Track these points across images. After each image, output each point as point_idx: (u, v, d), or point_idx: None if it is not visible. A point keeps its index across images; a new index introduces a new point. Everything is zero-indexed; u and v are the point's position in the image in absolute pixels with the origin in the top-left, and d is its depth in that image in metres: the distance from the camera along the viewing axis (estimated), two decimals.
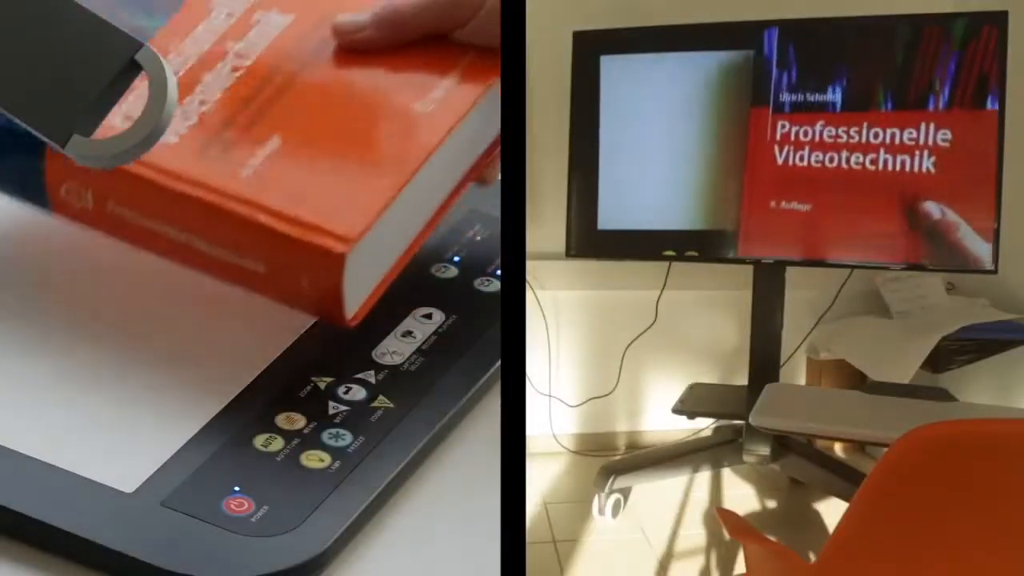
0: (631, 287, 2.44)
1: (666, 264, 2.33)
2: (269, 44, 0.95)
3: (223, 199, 0.89)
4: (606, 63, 2.20)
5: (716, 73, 2.14)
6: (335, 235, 0.87)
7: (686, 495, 2.23)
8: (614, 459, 2.28)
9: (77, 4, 0.79)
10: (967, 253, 2.00)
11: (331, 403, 0.88)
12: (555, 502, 2.21)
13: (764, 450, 2.13)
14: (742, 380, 2.24)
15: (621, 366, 2.44)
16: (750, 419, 1.84)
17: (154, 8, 0.81)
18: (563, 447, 2.45)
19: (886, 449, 1.09)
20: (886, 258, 2.05)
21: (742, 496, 2.25)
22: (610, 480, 2.10)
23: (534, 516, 2.14)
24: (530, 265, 2.28)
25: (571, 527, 2.09)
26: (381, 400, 0.88)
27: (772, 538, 1.38)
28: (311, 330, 0.92)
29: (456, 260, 0.99)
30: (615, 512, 2.11)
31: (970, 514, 1.07)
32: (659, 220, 2.19)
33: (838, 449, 2.43)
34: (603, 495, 2.10)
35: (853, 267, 2.22)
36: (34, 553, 0.80)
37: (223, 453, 0.84)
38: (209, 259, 0.90)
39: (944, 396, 1.93)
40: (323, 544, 0.80)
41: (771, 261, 2.14)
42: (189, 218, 0.89)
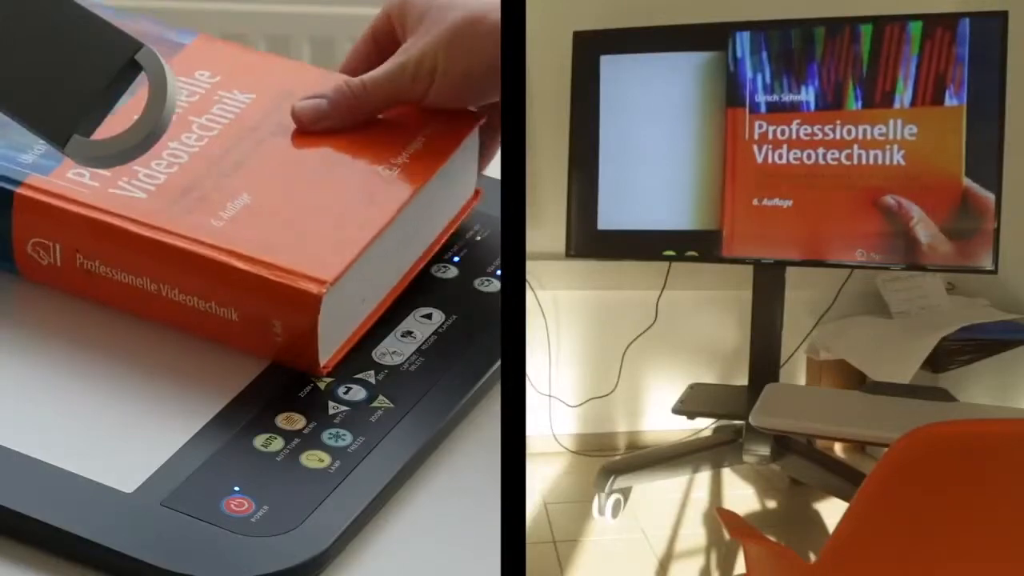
0: (631, 287, 2.43)
1: (666, 264, 2.33)
2: (232, 119, 0.97)
3: (195, 245, 0.88)
4: (606, 63, 2.20)
5: (717, 72, 2.14)
6: (310, 277, 0.87)
7: (686, 495, 2.23)
8: (614, 459, 2.28)
9: (77, 4, 0.79)
10: (918, 243, 2.00)
11: (331, 403, 0.88)
12: (555, 502, 2.21)
13: (764, 450, 2.12)
14: (742, 380, 2.24)
15: (621, 366, 2.44)
16: (750, 419, 1.84)
17: None
18: (563, 447, 2.45)
19: (886, 449, 1.09)
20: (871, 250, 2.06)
21: (742, 496, 2.25)
22: (610, 480, 2.09)
23: (534, 516, 2.13)
24: (530, 265, 2.28)
25: (571, 527, 2.09)
26: (381, 400, 0.88)
27: (772, 538, 1.38)
28: None
29: (456, 260, 0.99)
30: (615, 512, 2.11)
31: (970, 514, 1.07)
32: (659, 220, 2.19)
33: (838, 449, 2.43)
34: (603, 495, 2.10)
35: (853, 267, 2.22)
36: (34, 553, 0.79)
37: (223, 453, 0.84)
38: (180, 310, 0.89)
39: (944, 396, 1.93)
40: (323, 544, 0.80)
41: (771, 261, 2.14)
42: (160, 266, 0.89)
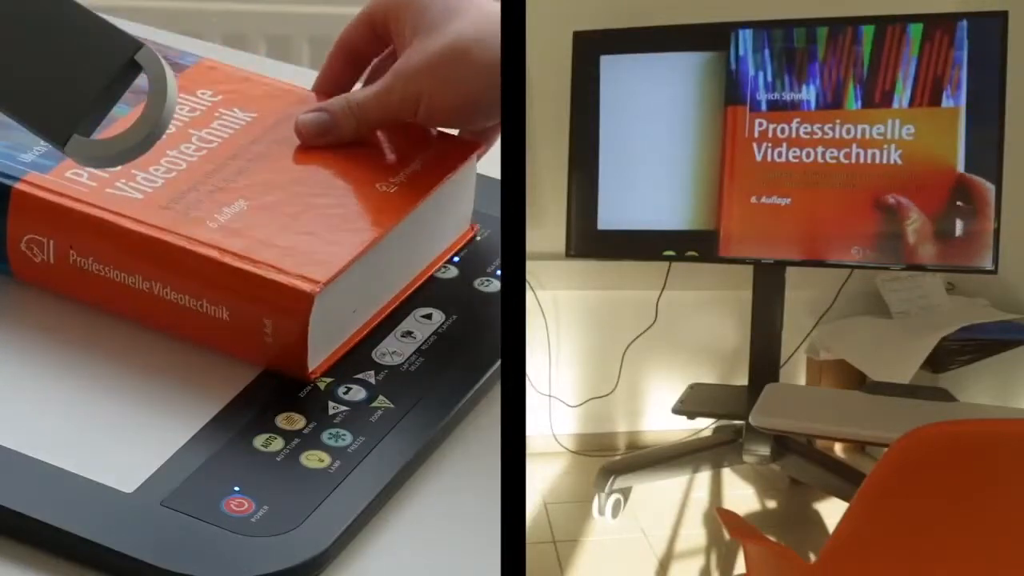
0: (631, 287, 2.43)
1: (666, 264, 2.33)
2: (232, 134, 0.97)
3: (189, 242, 0.89)
4: (606, 63, 2.20)
5: (718, 73, 2.14)
6: (304, 277, 0.88)
7: (686, 495, 2.23)
8: (614, 459, 2.28)
9: (77, 4, 0.79)
10: (916, 242, 2.00)
11: (331, 403, 0.88)
12: (555, 502, 2.21)
13: (764, 450, 2.12)
14: (742, 380, 2.23)
15: (621, 366, 2.44)
16: (750, 419, 1.84)
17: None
18: (563, 447, 2.45)
19: (886, 449, 1.09)
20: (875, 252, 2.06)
21: (742, 496, 2.25)
22: (610, 480, 2.09)
23: (534, 516, 2.13)
24: (530, 265, 2.27)
25: (571, 527, 2.08)
26: (381, 400, 0.88)
27: (772, 538, 1.38)
28: None
29: (456, 260, 0.99)
30: (615, 512, 2.10)
31: (970, 514, 1.07)
32: (659, 220, 2.19)
33: (838, 449, 2.43)
34: (603, 495, 2.09)
35: (853, 267, 2.22)
36: (34, 553, 0.80)
37: (223, 453, 0.84)
38: (171, 309, 0.89)
39: (944, 396, 1.93)
40: (323, 544, 0.80)
41: (771, 261, 2.14)
42: (152, 263, 0.89)
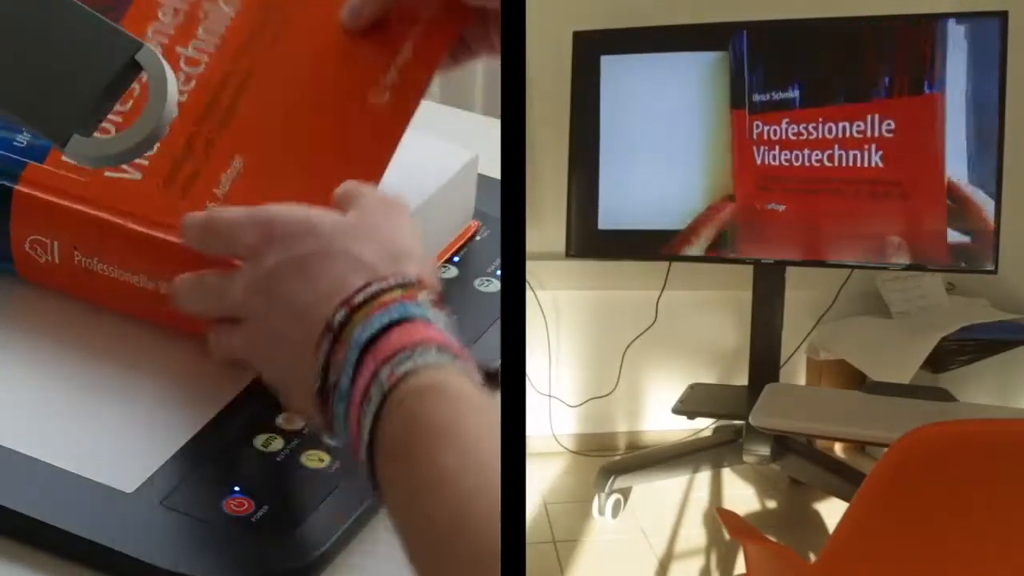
0: (631, 287, 2.43)
1: (666, 264, 2.33)
2: (217, 45, 0.94)
3: None
4: (606, 63, 2.20)
5: (717, 73, 2.14)
6: None
7: (686, 495, 2.23)
8: (614, 459, 2.28)
9: (77, 4, 0.79)
10: (914, 243, 2.01)
11: None
12: (555, 502, 2.21)
13: (764, 450, 2.12)
14: (742, 380, 2.24)
15: (621, 366, 2.44)
16: (750, 419, 1.84)
17: (101, 10, 0.80)
18: (563, 447, 2.45)
19: (886, 449, 1.09)
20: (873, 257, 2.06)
21: (742, 496, 2.25)
22: (610, 480, 2.09)
23: (534, 516, 2.13)
24: (530, 265, 2.28)
25: (571, 527, 2.09)
26: None
27: (772, 538, 1.38)
28: None
29: (456, 260, 0.99)
30: (615, 512, 2.11)
31: (970, 514, 1.07)
32: (659, 220, 2.19)
33: (838, 449, 2.43)
34: (603, 495, 2.10)
35: (853, 267, 2.22)
36: (34, 553, 0.79)
37: (223, 453, 0.84)
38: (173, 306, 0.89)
39: (944, 396, 1.93)
40: (323, 544, 0.80)
41: (771, 261, 2.14)
42: (156, 262, 0.88)
